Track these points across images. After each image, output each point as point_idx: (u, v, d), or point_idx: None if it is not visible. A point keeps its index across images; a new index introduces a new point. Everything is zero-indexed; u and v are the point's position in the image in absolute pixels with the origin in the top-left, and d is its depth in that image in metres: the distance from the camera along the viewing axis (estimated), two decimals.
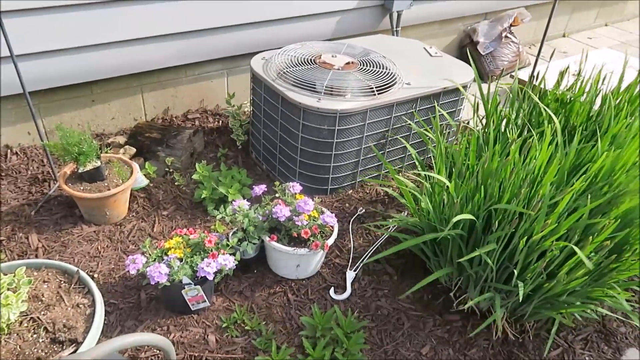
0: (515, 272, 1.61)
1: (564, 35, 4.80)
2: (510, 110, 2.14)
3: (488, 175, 1.67)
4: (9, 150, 2.49)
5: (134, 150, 2.49)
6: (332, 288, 1.97)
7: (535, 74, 2.29)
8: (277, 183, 2.02)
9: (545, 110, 2.01)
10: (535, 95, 2.12)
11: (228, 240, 1.84)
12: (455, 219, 1.51)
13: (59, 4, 2.21)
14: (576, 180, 1.63)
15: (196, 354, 1.70)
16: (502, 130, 2.13)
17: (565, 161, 1.66)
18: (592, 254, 1.57)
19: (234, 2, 2.65)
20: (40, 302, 1.64)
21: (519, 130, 2.12)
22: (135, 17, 2.42)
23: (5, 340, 1.50)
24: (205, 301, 1.79)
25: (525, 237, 1.56)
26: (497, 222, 1.58)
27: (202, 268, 1.68)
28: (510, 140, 1.65)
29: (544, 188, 1.58)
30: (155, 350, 1.69)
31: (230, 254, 1.78)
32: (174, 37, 2.60)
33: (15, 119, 2.47)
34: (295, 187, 2.00)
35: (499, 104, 2.13)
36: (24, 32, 2.19)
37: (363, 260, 2.08)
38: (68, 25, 2.28)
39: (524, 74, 3.58)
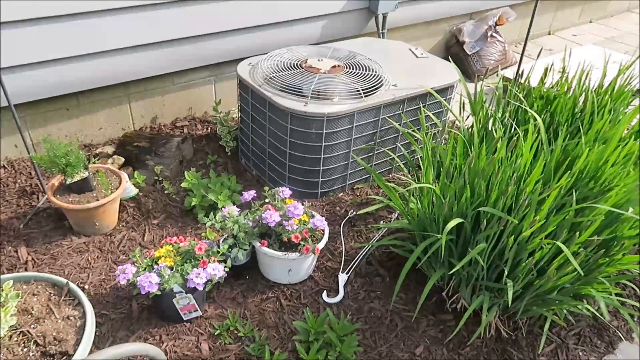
0: (506, 270, 1.62)
1: (549, 33, 4.85)
2: (496, 109, 2.16)
3: (475, 174, 1.68)
4: None
5: (122, 159, 2.48)
6: (325, 291, 1.96)
7: (520, 71, 2.31)
8: (266, 188, 2.02)
9: (527, 109, 2.03)
10: (521, 93, 2.14)
11: (219, 247, 1.84)
12: (448, 227, 1.51)
13: (43, 16, 2.20)
14: (562, 177, 1.64)
15: None
16: (489, 128, 2.15)
17: (551, 158, 1.68)
18: (581, 249, 1.59)
19: (219, 9, 2.66)
20: (29, 316, 1.62)
21: (505, 128, 2.14)
22: (119, 27, 2.42)
23: None
24: (197, 310, 1.78)
25: (514, 236, 1.57)
26: (485, 221, 1.59)
27: (192, 279, 1.67)
28: (495, 139, 1.66)
29: (530, 186, 1.60)
30: None
31: (221, 261, 1.77)
32: (160, 46, 2.60)
33: (2, 132, 2.45)
34: (285, 191, 2.00)
35: (484, 102, 2.15)
36: (7, 45, 2.18)
37: (355, 263, 2.08)
38: (53, 36, 2.27)
39: (510, 73, 3.61)
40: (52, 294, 1.72)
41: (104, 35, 2.40)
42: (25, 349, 1.54)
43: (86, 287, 1.92)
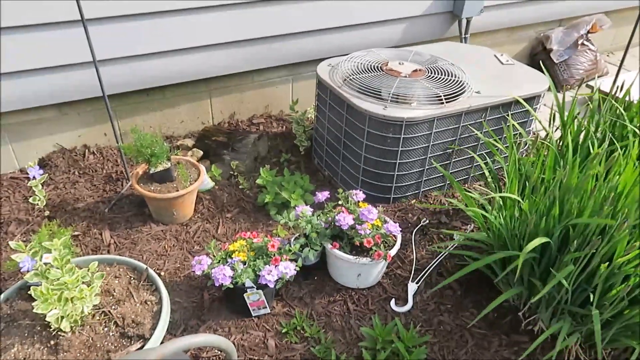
0: (594, 296, 1.50)
1: None
2: (589, 122, 2.02)
3: (566, 191, 1.57)
4: (86, 150, 2.63)
5: (201, 153, 2.56)
6: (393, 299, 1.92)
7: (619, 84, 2.14)
8: (340, 190, 2.01)
9: (627, 123, 1.88)
10: (621, 106, 1.98)
11: (290, 246, 1.84)
12: (529, 246, 1.42)
13: (136, 12, 2.31)
14: None
15: (255, 358, 1.71)
16: (580, 142, 2.01)
17: None
18: None
19: (300, 10, 2.68)
20: (111, 297, 1.70)
21: (598, 143, 1.99)
22: (205, 25, 2.50)
23: (78, 332, 1.58)
24: (265, 307, 1.80)
25: (607, 261, 1.46)
26: (575, 242, 1.48)
27: (264, 276, 1.68)
28: (592, 154, 1.54)
29: (630, 208, 1.47)
30: (216, 351, 1.72)
31: (292, 260, 1.78)
32: (243, 44, 2.66)
33: (94, 120, 2.61)
34: (359, 194, 1.97)
35: (577, 114, 2.01)
36: (103, 39, 2.31)
37: (426, 273, 2.02)
38: (144, 32, 2.39)
39: (602, 84, 3.37)
40: (132, 278, 1.80)
41: (192, 32, 2.49)
42: (106, 329, 1.62)
43: (162, 273, 2.00)
